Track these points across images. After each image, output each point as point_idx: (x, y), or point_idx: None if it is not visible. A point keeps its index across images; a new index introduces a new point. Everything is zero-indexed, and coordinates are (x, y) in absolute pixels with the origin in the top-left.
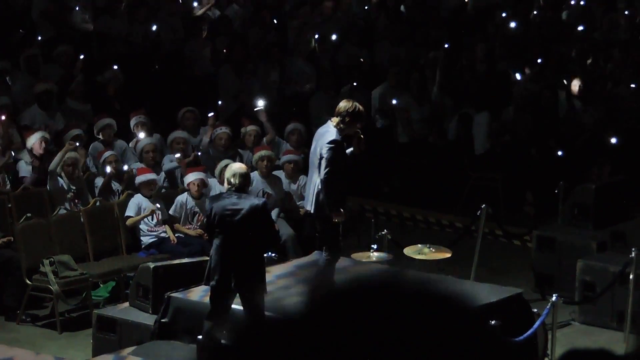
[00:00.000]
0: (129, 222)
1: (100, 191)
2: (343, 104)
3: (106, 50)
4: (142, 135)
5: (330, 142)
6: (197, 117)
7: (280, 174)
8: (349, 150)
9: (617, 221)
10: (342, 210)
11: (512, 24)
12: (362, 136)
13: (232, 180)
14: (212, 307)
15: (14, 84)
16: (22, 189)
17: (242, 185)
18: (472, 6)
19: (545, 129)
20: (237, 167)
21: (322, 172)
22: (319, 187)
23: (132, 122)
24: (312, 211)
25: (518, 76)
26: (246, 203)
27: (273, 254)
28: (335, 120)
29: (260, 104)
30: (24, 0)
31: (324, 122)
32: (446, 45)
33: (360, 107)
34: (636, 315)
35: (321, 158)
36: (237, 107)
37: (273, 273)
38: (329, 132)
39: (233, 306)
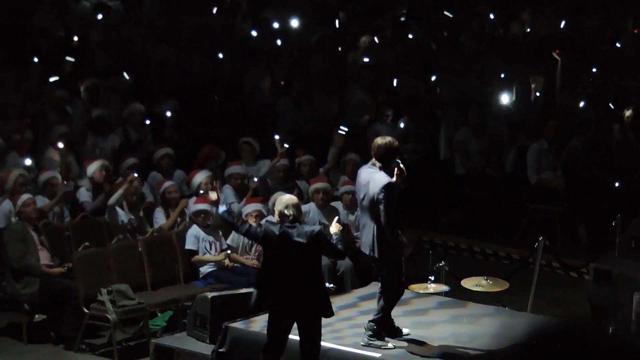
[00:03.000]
0: (195, 259)
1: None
2: (378, 142)
3: (165, 79)
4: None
5: (383, 188)
6: (255, 148)
7: (338, 204)
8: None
9: None
10: (405, 242)
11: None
12: (402, 167)
13: (285, 211)
14: (269, 338)
15: (74, 113)
16: (81, 217)
17: (296, 215)
18: (529, 36)
19: (600, 160)
20: (288, 198)
21: (384, 218)
22: (378, 231)
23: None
24: (375, 256)
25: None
26: (303, 233)
27: (331, 285)
28: (375, 161)
29: (342, 128)
30: (81, 31)
31: None
32: (503, 75)
33: (396, 142)
34: None
35: (377, 203)
36: (295, 137)
37: (335, 304)
38: (376, 175)
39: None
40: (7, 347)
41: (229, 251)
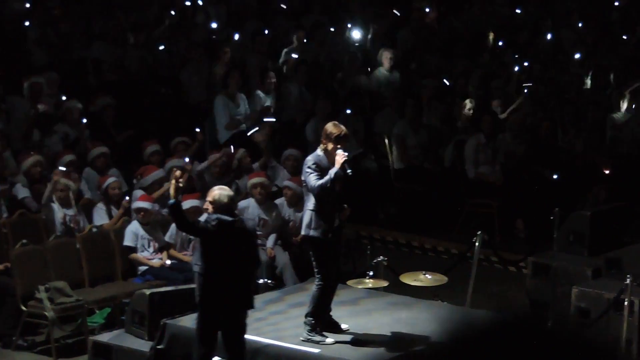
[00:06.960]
0: (132, 257)
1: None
2: (325, 126)
3: (101, 76)
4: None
5: (305, 162)
6: (189, 147)
7: (282, 200)
8: (333, 171)
9: (612, 248)
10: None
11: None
12: (344, 157)
13: (225, 200)
14: (203, 335)
15: (12, 108)
16: (18, 215)
17: (230, 207)
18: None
19: (539, 155)
20: (223, 188)
21: (311, 186)
22: (310, 207)
23: (148, 151)
24: (303, 233)
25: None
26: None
27: (269, 281)
28: (321, 145)
29: (256, 128)
30: (18, 28)
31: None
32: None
33: (338, 130)
34: (631, 341)
35: (306, 181)
36: (232, 134)
37: (261, 300)
38: (307, 157)
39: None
40: None
41: (167, 262)
